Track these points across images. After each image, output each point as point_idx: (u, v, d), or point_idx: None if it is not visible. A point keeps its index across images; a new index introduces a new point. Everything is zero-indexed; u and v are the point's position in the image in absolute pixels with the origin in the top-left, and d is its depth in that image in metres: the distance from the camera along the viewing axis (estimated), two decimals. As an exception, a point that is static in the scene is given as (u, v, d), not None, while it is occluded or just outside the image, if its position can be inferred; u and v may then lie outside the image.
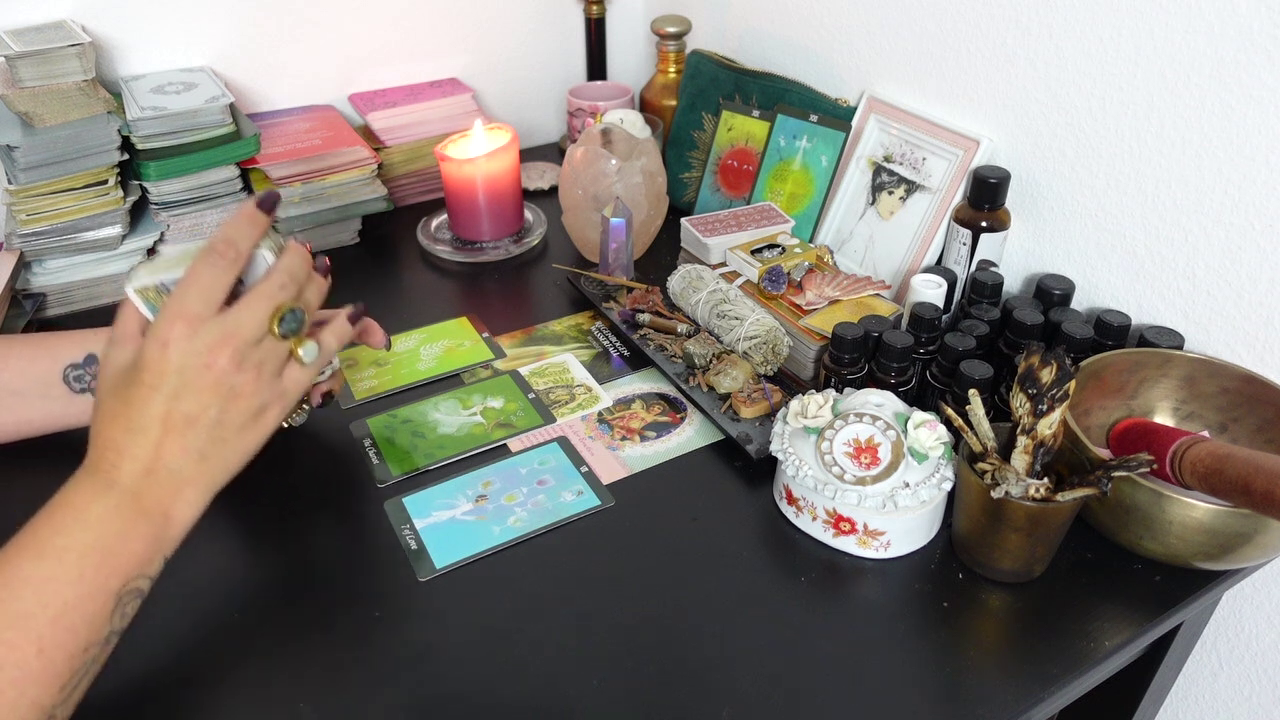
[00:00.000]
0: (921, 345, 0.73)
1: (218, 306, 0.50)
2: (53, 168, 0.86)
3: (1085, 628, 0.58)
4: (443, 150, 1.00)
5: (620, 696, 0.54)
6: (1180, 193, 0.71)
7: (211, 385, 0.49)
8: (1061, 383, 0.56)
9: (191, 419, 0.49)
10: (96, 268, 0.91)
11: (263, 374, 0.51)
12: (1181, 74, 0.69)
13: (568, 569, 0.63)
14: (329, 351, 0.57)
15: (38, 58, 0.85)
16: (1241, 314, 0.69)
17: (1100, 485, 0.55)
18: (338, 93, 1.15)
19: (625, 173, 0.93)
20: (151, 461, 0.49)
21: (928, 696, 0.54)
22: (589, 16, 1.24)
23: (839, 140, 0.94)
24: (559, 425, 0.76)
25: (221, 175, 0.95)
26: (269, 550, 0.64)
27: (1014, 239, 0.86)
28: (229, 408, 0.50)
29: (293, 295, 0.53)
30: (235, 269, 0.51)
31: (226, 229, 0.51)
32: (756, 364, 0.78)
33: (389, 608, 0.60)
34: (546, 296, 0.95)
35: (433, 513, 0.67)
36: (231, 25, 1.04)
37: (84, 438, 0.50)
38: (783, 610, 0.59)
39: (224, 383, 0.50)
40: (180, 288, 0.50)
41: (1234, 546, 0.57)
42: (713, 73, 1.05)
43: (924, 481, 0.61)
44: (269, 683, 0.55)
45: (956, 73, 0.86)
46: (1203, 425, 0.68)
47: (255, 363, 0.51)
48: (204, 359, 0.49)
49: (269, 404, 0.52)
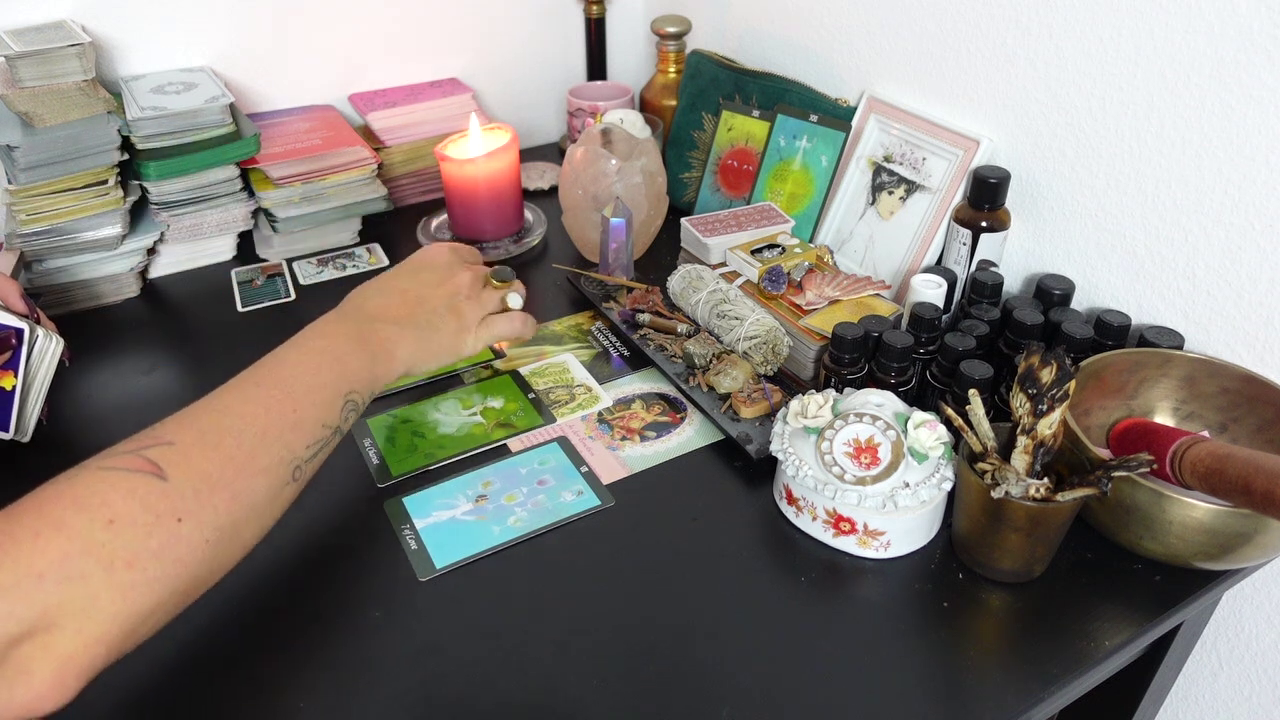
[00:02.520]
0: (921, 345, 0.73)
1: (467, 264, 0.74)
2: (53, 168, 0.86)
3: (1085, 628, 0.58)
4: (443, 150, 1.00)
5: (620, 696, 0.54)
6: (1180, 193, 0.71)
7: (444, 290, 0.70)
8: (1061, 383, 0.56)
9: (421, 299, 0.68)
10: (96, 268, 0.91)
11: (473, 297, 0.72)
12: (1181, 74, 0.69)
13: (568, 569, 0.63)
14: (516, 302, 0.77)
15: (38, 58, 0.85)
16: (1241, 314, 0.69)
17: (1100, 485, 0.55)
18: (338, 93, 1.15)
19: (625, 173, 0.93)
20: (381, 311, 0.66)
21: (928, 696, 0.54)
22: (589, 16, 1.24)
23: (839, 140, 0.94)
24: (559, 425, 0.76)
25: (221, 175, 0.95)
26: (269, 550, 0.64)
27: (1014, 239, 0.86)
28: (450, 304, 0.70)
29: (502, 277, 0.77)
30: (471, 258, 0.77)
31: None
32: (756, 364, 0.78)
33: (389, 608, 0.60)
34: (546, 296, 0.95)
35: (433, 513, 0.67)
36: (231, 25, 1.04)
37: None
38: (783, 610, 0.59)
39: (451, 292, 0.70)
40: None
41: (1234, 546, 0.57)
42: (713, 73, 1.05)
43: (924, 481, 0.61)
44: (269, 682, 0.55)
45: (956, 73, 0.86)
46: (1203, 425, 0.68)
47: (473, 289, 0.72)
48: (444, 274, 0.71)
49: (470, 314, 0.71)
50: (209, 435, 0.51)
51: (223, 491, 0.49)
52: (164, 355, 0.85)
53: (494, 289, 0.74)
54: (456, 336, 0.69)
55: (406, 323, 0.66)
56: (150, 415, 0.70)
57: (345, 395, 0.59)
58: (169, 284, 0.96)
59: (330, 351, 0.60)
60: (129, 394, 0.79)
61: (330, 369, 0.59)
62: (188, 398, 0.54)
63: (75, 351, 0.82)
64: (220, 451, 0.51)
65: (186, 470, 0.49)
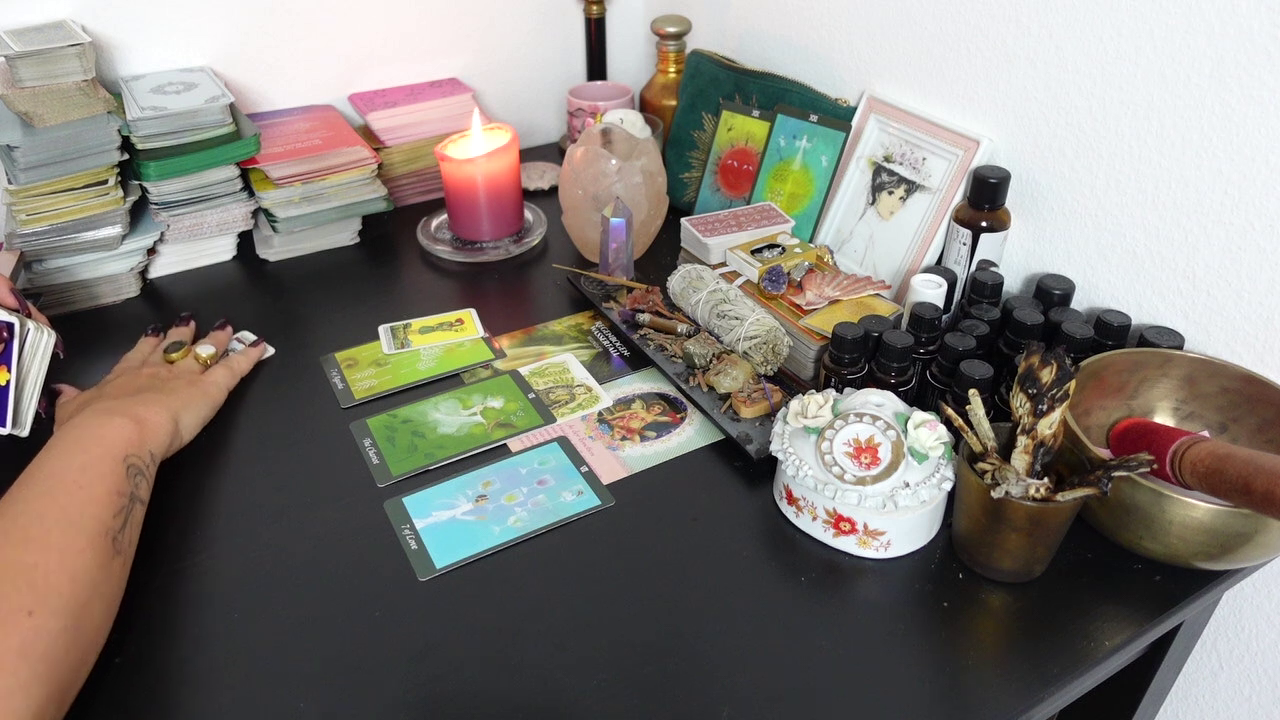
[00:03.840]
0: (921, 345, 0.73)
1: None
2: (53, 168, 0.86)
3: (1085, 628, 0.58)
4: (443, 150, 1.00)
5: (620, 696, 0.54)
6: (1180, 193, 0.71)
7: (145, 370, 0.75)
8: (1061, 383, 0.56)
9: (134, 383, 0.72)
10: (96, 268, 0.91)
11: (159, 371, 0.76)
12: (1181, 74, 0.69)
13: (568, 569, 0.63)
14: (217, 347, 0.81)
15: (38, 58, 0.85)
16: (1241, 314, 0.69)
17: (1100, 485, 0.55)
18: (338, 93, 1.14)
19: (625, 173, 0.93)
20: (111, 396, 0.69)
21: (928, 696, 0.54)
22: (589, 16, 1.24)
23: (839, 140, 0.94)
24: (559, 425, 0.76)
25: (221, 175, 0.95)
26: (269, 550, 0.64)
27: (1014, 239, 0.86)
28: (159, 374, 0.74)
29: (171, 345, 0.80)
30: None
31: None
32: (756, 364, 0.78)
33: (389, 608, 0.60)
34: (546, 296, 0.95)
35: (433, 513, 0.67)
36: (231, 25, 1.04)
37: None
38: (783, 610, 0.59)
39: (152, 371, 0.75)
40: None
41: (1234, 546, 0.57)
42: (713, 73, 1.05)
43: (924, 481, 0.61)
44: (268, 682, 0.55)
45: (956, 73, 0.86)
46: (1203, 425, 0.68)
47: (151, 368, 0.76)
48: (132, 365, 0.77)
49: (183, 373, 0.76)
50: (12, 534, 0.51)
51: (57, 575, 0.50)
52: (164, 355, 0.85)
53: (184, 357, 0.78)
54: (191, 387, 0.73)
55: (143, 390, 0.70)
56: (150, 415, 0.69)
57: (124, 460, 0.60)
58: (169, 284, 0.96)
59: (85, 431, 0.61)
60: (129, 394, 0.79)
61: (94, 444, 0.60)
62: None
63: (76, 351, 0.82)
64: (34, 542, 0.51)
65: (10, 569, 0.49)
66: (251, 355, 0.82)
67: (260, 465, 0.72)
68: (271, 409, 0.78)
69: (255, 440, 0.74)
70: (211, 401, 0.74)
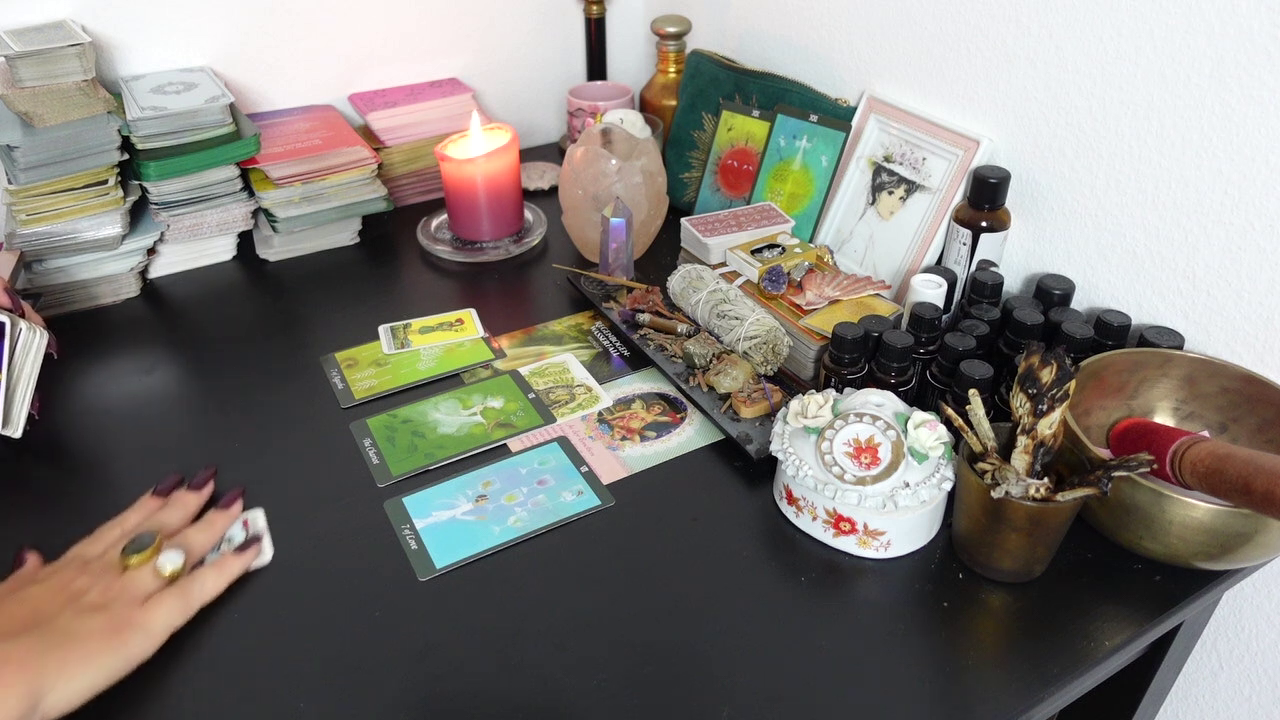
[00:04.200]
0: (921, 345, 0.73)
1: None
2: (53, 168, 0.86)
3: (1085, 628, 0.58)
4: (443, 150, 1.00)
5: (620, 696, 0.54)
6: (1180, 193, 0.71)
7: (61, 592, 0.55)
8: (1061, 383, 0.56)
9: (37, 611, 0.53)
10: (96, 268, 0.91)
11: (100, 578, 0.57)
12: (1181, 74, 0.69)
13: (568, 569, 0.63)
14: (198, 548, 0.62)
15: (38, 58, 0.85)
16: (1241, 314, 0.69)
17: (1100, 485, 0.55)
18: (338, 93, 1.14)
19: (625, 173, 0.93)
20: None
21: (928, 696, 0.54)
22: (589, 16, 1.24)
23: (839, 140, 0.94)
24: (559, 425, 0.76)
25: (221, 175, 0.95)
26: (269, 551, 0.64)
27: (1014, 239, 0.86)
28: (80, 604, 0.55)
29: (135, 529, 0.62)
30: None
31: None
32: (756, 364, 0.78)
33: (389, 608, 0.60)
34: (546, 296, 0.95)
35: (433, 513, 0.67)
36: (231, 25, 1.04)
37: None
38: (783, 610, 0.59)
39: (71, 594, 0.55)
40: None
41: (1234, 546, 0.57)
42: (713, 73, 1.05)
43: (924, 481, 0.61)
44: (268, 682, 0.55)
45: (956, 73, 0.86)
46: (1203, 425, 0.68)
47: (95, 571, 0.57)
48: (55, 573, 0.57)
49: (113, 600, 0.56)
50: None
51: None
52: (164, 356, 0.85)
53: (143, 562, 0.58)
54: (107, 635, 0.53)
55: (31, 628, 0.51)
56: (150, 415, 0.70)
57: None
58: (169, 284, 0.96)
59: None
60: (128, 394, 0.79)
61: None
62: (187, 398, 0.53)
63: (75, 351, 0.83)
64: None
65: None
66: (234, 566, 0.61)
67: (260, 465, 0.72)
68: (271, 409, 0.78)
69: (255, 440, 0.74)
70: (126, 657, 0.53)
